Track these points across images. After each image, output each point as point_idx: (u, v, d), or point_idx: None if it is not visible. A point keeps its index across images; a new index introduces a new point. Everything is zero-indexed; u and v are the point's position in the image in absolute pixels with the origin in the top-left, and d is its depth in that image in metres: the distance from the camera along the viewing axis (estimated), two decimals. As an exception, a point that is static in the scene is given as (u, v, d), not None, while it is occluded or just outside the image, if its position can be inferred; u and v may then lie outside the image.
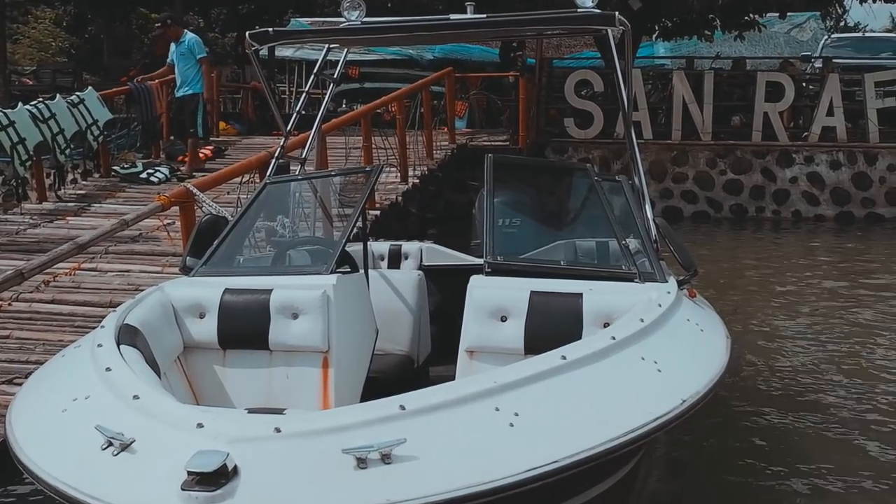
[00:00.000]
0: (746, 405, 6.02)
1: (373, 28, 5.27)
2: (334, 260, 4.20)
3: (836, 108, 15.27)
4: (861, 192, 15.23)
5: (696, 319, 3.87)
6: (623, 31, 4.67)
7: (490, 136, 15.54)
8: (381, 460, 2.34)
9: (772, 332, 7.99)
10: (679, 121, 15.38)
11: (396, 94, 11.52)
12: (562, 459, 2.50)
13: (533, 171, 5.67)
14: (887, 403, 6.17)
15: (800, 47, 22.33)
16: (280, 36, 5.19)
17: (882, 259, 11.98)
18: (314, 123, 6.34)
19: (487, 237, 4.18)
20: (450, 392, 2.68)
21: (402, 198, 10.02)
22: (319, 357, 3.98)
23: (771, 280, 10.54)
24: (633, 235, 4.44)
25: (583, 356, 3.02)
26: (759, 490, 4.84)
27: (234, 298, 4.05)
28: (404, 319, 5.25)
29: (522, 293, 3.84)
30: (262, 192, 4.99)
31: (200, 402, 3.99)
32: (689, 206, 15.33)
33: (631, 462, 3.55)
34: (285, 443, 2.39)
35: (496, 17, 5.26)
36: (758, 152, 15.34)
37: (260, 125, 16.04)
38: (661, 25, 17.53)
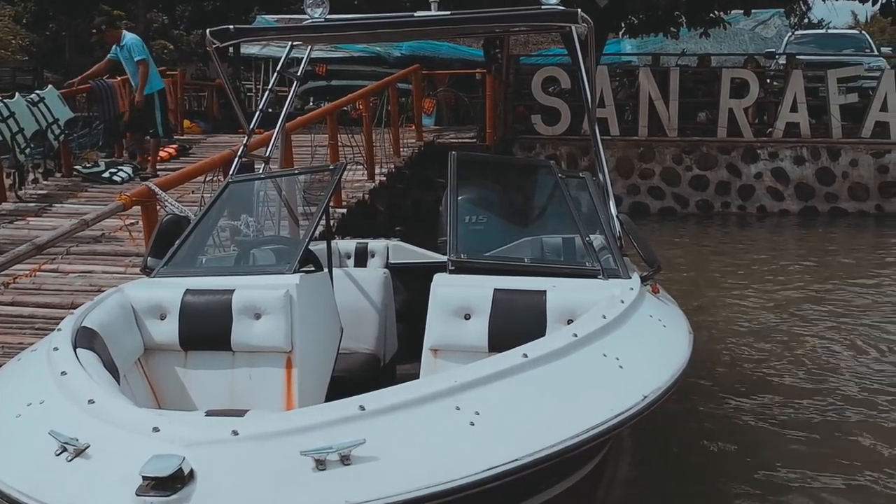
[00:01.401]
0: (712, 399, 6.07)
1: (336, 25, 5.23)
2: (297, 259, 4.17)
3: (800, 105, 15.46)
4: (825, 187, 15.43)
5: (659, 315, 3.88)
6: (587, 28, 4.67)
7: (457, 134, 15.54)
8: (340, 461, 2.32)
9: (737, 327, 8.06)
10: (645, 117, 15.49)
11: (362, 91, 11.48)
12: (522, 458, 2.49)
13: (497, 168, 5.67)
14: (850, 395, 6.25)
15: (764, 44, 22.59)
16: (241, 33, 5.13)
17: (845, 253, 12.14)
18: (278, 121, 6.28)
19: (451, 235, 4.16)
20: (410, 392, 2.66)
21: (369, 196, 9.99)
22: (283, 357, 3.95)
23: (736, 275, 10.64)
24: (597, 232, 4.45)
25: (544, 354, 3.02)
26: (725, 482, 4.88)
27: (196, 299, 4.00)
28: (370, 318, 5.23)
29: (486, 291, 3.83)
30: (224, 191, 4.94)
31: (162, 405, 3.95)
32: (656, 202, 15.44)
33: (596, 458, 3.56)
34: (243, 445, 2.36)
35: (460, 14, 5.25)
36: (723, 148, 15.49)
37: (225, 123, 15.91)
38: (628, 22, 17.60)
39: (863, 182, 15.46)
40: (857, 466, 5.04)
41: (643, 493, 4.79)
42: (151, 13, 26.04)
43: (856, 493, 4.74)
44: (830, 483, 4.82)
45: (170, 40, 27.54)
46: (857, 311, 8.70)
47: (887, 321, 8.32)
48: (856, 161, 15.45)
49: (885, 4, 17.14)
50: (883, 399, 6.17)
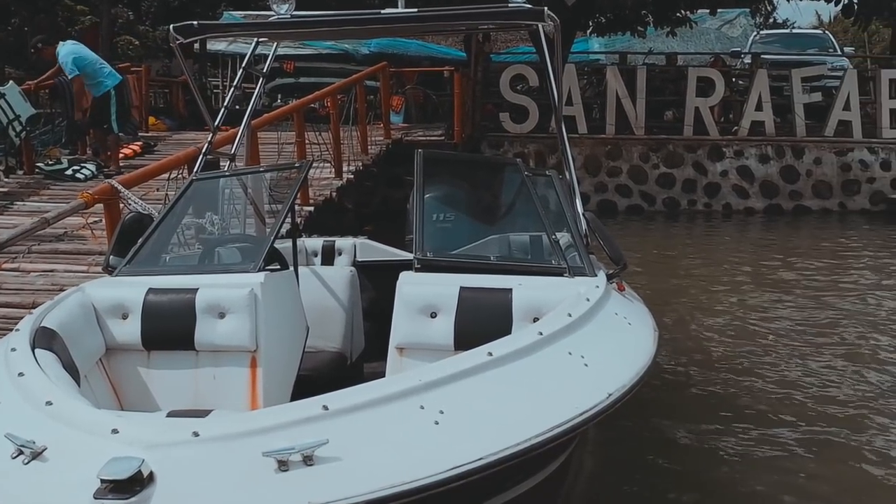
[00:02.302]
0: (678, 396, 6.12)
1: (302, 22, 5.19)
2: (262, 257, 4.13)
3: (765, 103, 15.64)
4: (789, 185, 15.62)
5: (625, 313, 3.89)
6: (554, 26, 4.68)
7: (426, 132, 15.52)
8: (302, 462, 2.30)
9: (703, 324, 8.13)
10: (613, 115, 15.58)
11: (329, 88, 11.42)
12: (487, 456, 2.48)
13: (464, 166, 5.66)
14: (815, 390, 6.32)
15: (730, 43, 22.80)
16: (205, 29, 5.06)
17: (809, 250, 12.29)
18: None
19: (417, 233, 4.15)
20: (374, 391, 2.64)
21: (337, 193, 9.94)
22: (247, 357, 3.92)
23: (702, 272, 10.73)
24: (564, 230, 4.45)
25: (509, 352, 3.01)
26: (691, 479, 4.91)
27: (158, 298, 3.95)
28: (336, 316, 5.20)
29: (452, 289, 3.82)
30: (188, 188, 4.88)
31: (124, 406, 3.90)
32: (624, 200, 15.54)
33: (562, 456, 3.56)
34: (203, 447, 2.33)
35: (427, 11, 5.24)
36: (689, 146, 15.63)
37: (191, 120, 15.75)
38: (596, 21, 17.70)
39: (826, 180, 15.68)
40: (823, 460, 5.11)
41: (609, 490, 4.81)
42: (116, 8, 25.69)
43: (820, 486, 4.79)
44: (795, 478, 4.87)
45: (135, 36, 27.19)
46: (821, 307, 8.82)
47: (851, 316, 8.45)
48: (819, 159, 15.66)
49: (847, 6, 17.42)
50: (848, 393, 6.26)
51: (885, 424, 5.69)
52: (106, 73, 10.19)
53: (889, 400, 6.19)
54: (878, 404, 6.09)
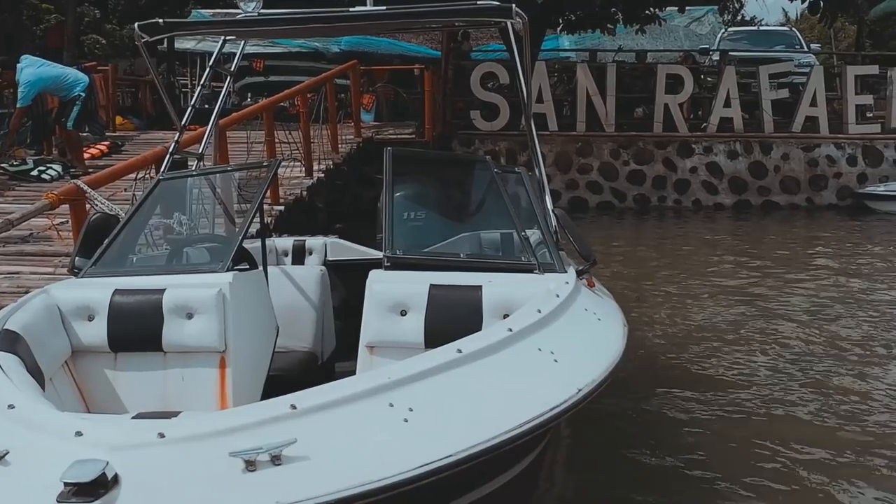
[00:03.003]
0: (649, 391, 6.14)
1: (269, 20, 5.15)
2: (230, 257, 4.10)
3: (733, 100, 15.79)
4: (757, 180, 15.78)
5: (594, 309, 3.90)
6: (522, 23, 4.68)
7: (397, 130, 15.49)
8: (270, 462, 2.28)
9: (673, 319, 8.18)
10: (583, 113, 15.66)
11: (299, 87, 11.36)
12: (456, 454, 2.48)
13: (433, 164, 5.65)
14: (785, 383, 6.38)
15: (699, 40, 22.99)
16: (171, 27, 5.02)
17: (778, 245, 12.42)
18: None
19: (387, 232, 4.14)
20: (342, 389, 2.63)
21: (308, 193, 9.89)
22: (216, 357, 3.88)
23: (673, 267, 10.81)
24: (534, 227, 4.46)
25: (479, 349, 3.01)
26: (662, 474, 4.93)
27: (125, 299, 3.91)
28: (307, 316, 5.17)
29: (422, 287, 3.81)
30: (155, 188, 4.83)
31: (91, 409, 3.85)
32: (595, 197, 15.61)
33: (533, 452, 3.56)
34: (169, 448, 2.30)
35: (395, 9, 5.21)
36: (659, 143, 15.74)
37: (160, 120, 15.62)
38: (565, 19, 17.76)
39: (794, 175, 15.86)
40: (795, 446, 5.15)
41: (582, 486, 4.82)
42: (82, 7, 25.40)
43: (789, 481, 4.83)
44: (766, 474, 4.89)
45: (102, 35, 26.89)
46: (789, 302, 8.92)
47: (818, 309, 8.55)
48: (787, 155, 15.83)
49: (814, 3, 17.60)
50: (817, 386, 6.33)
51: (847, 409, 5.77)
52: (69, 82, 10.09)
53: (848, 383, 6.30)
54: (840, 388, 6.22)
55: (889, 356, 7.04)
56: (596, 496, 4.69)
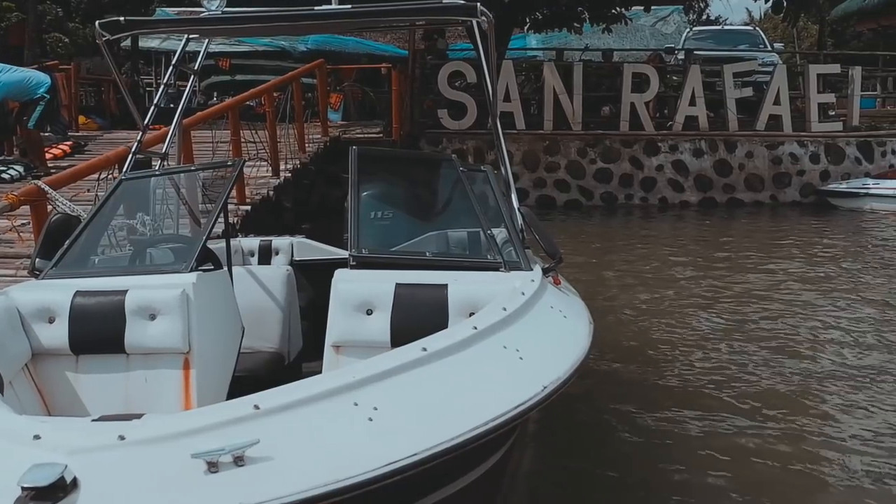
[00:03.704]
0: (616, 388, 6.18)
1: (233, 18, 5.11)
2: (194, 258, 4.06)
3: (698, 98, 15.94)
4: (722, 178, 15.95)
5: (560, 306, 3.91)
6: (488, 22, 4.68)
7: (364, 129, 15.45)
8: (233, 463, 2.26)
9: (640, 316, 8.24)
10: (550, 111, 15.71)
11: (265, 86, 11.28)
12: (421, 452, 2.47)
13: (399, 163, 5.63)
14: (750, 378, 6.45)
15: (665, 40, 23.19)
16: (133, 26, 4.94)
17: (743, 242, 12.56)
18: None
19: (352, 231, 4.12)
20: (306, 389, 2.61)
21: (275, 192, 9.84)
22: (180, 358, 3.84)
23: (640, 265, 10.89)
24: (500, 225, 4.46)
25: (444, 347, 3.00)
26: (628, 472, 4.97)
27: (86, 301, 3.86)
28: (273, 316, 5.14)
29: (387, 286, 3.80)
30: (117, 188, 4.78)
31: (52, 412, 3.79)
32: (562, 195, 15.68)
33: (499, 451, 3.56)
34: (130, 451, 2.27)
35: (360, 7, 5.18)
36: (626, 141, 15.84)
37: (123, 119, 15.47)
38: (532, 18, 17.82)
39: (758, 173, 16.04)
40: (757, 451, 5.20)
41: (548, 485, 4.84)
42: (44, 4, 25.04)
43: (755, 477, 4.88)
44: (732, 471, 4.94)
45: (64, 33, 26.52)
46: (755, 296, 9.02)
47: (783, 304, 8.66)
48: (751, 153, 16.01)
49: (777, 2, 17.82)
50: (782, 379, 6.41)
51: (808, 402, 5.86)
52: (33, 84, 9.95)
53: (809, 379, 6.40)
54: (800, 382, 6.33)
55: (851, 349, 7.13)
56: (563, 494, 4.71)
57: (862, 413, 5.75)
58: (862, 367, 6.69)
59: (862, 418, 5.65)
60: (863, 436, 5.35)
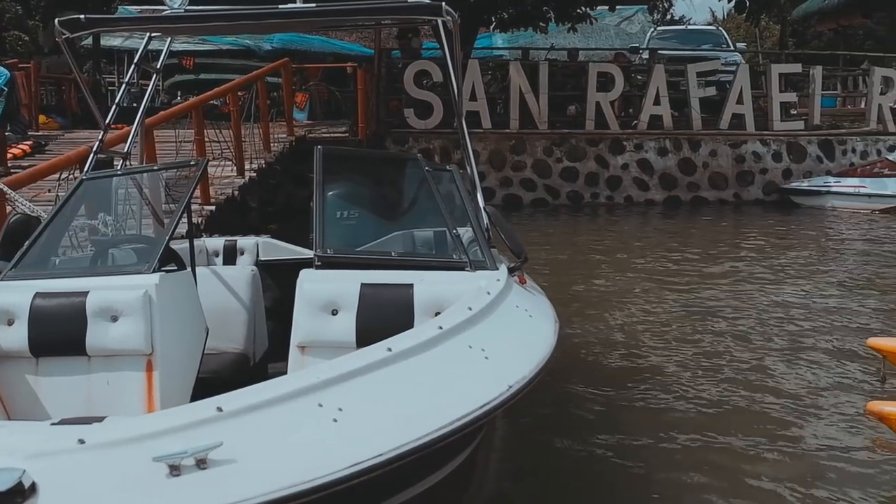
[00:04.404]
0: (582, 387, 6.21)
1: (195, 16, 5.07)
2: (156, 258, 4.02)
3: (663, 98, 16.08)
4: (687, 176, 16.10)
5: (526, 305, 3.93)
6: (453, 21, 4.68)
7: (330, 128, 15.40)
8: (195, 466, 2.23)
9: (606, 313, 8.29)
10: (516, 110, 15.76)
11: (229, 85, 11.20)
12: (386, 452, 2.46)
13: (364, 162, 5.62)
14: (714, 373, 6.51)
15: (629, 39, 23.38)
16: (93, 23, 4.88)
17: (707, 239, 12.69)
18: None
19: (317, 231, 4.11)
20: (270, 390, 2.59)
21: (240, 192, 9.78)
22: (142, 360, 3.81)
23: (605, 263, 10.96)
24: (465, 224, 4.47)
25: (409, 347, 3.00)
26: (597, 470, 4.98)
27: (46, 302, 3.81)
28: (238, 316, 5.11)
29: (353, 286, 3.79)
30: (78, 188, 4.72)
31: (12, 416, 3.74)
32: (529, 194, 15.74)
33: (466, 450, 3.56)
34: (90, 454, 2.24)
35: (324, 6, 5.16)
36: (591, 140, 15.94)
37: (85, 118, 15.25)
38: (498, 17, 17.87)
39: (722, 172, 16.23)
40: (727, 447, 5.24)
41: (516, 484, 4.84)
42: (3, 3, 24.64)
43: (725, 473, 4.92)
44: (696, 465, 4.98)
45: (24, 31, 26.13)
46: (719, 293, 9.12)
47: (746, 299, 8.77)
48: (715, 152, 16.19)
49: (739, 2, 18.05)
50: (747, 374, 6.48)
51: (770, 398, 5.93)
52: None
53: (770, 372, 6.48)
54: (761, 376, 6.39)
55: (809, 345, 7.24)
56: (530, 494, 4.72)
57: (806, 394, 5.86)
58: (811, 354, 6.82)
59: (802, 399, 5.76)
60: (806, 416, 5.45)
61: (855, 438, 5.26)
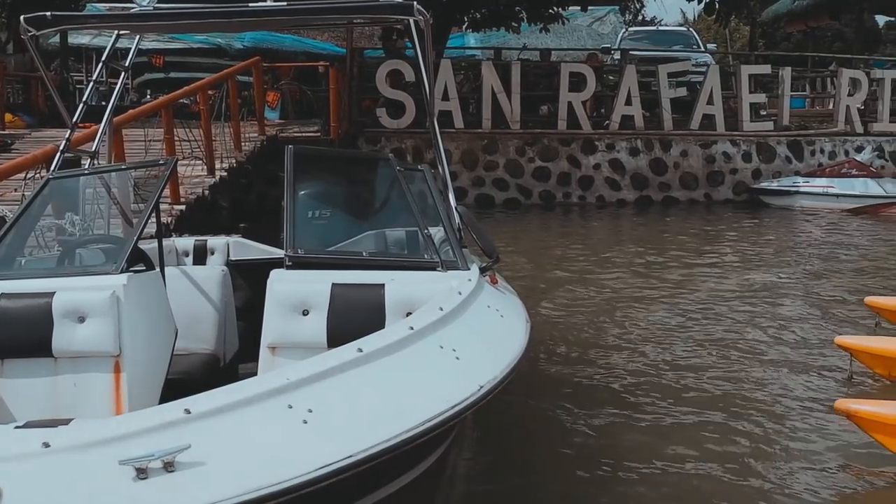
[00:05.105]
0: (555, 386, 6.22)
1: (164, 14, 5.02)
2: (124, 258, 3.98)
3: (634, 98, 16.16)
4: (658, 176, 16.21)
5: (497, 305, 3.93)
6: (424, 21, 4.68)
7: (302, 128, 15.32)
8: (163, 469, 2.21)
9: (579, 313, 8.32)
10: (489, 110, 15.78)
11: (199, 83, 11.10)
12: (357, 454, 2.46)
13: (335, 162, 5.60)
14: (686, 370, 6.55)
15: (601, 40, 23.51)
16: (60, 21, 4.82)
17: (678, 239, 12.78)
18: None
19: (288, 230, 4.09)
20: (239, 392, 2.58)
21: (210, 192, 9.68)
22: (110, 362, 3.77)
23: (578, 263, 10.99)
24: (437, 224, 4.47)
25: (379, 347, 3.00)
26: (570, 470, 4.98)
27: (12, 304, 3.75)
28: (208, 317, 5.07)
29: (323, 286, 3.78)
30: (44, 187, 4.66)
31: (-24, 420, 3.68)
32: (501, 194, 15.76)
33: (437, 451, 3.56)
34: (55, 458, 2.21)
35: (295, 4, 5.13)
36: (563, 140, 15.99)
37: (53, 117, 15.04)
38: (471, 17, 17.89)
39: (692, 172, 16.35)
40: (700, 441, 5.27)
41: (487, 485, 4.83)
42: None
43: (695, 467, 4.94)
44: (677, 464, 5.01)
45: (-10, 28, 25.76)
46: (689, 291, 9.20)
47: (715, 297, 8.85)
48: (686, 152, 16.31)
49: (709, 4, 18.21)
50: (716, 371, 6.53)
51: (738, 396, 5.98)
52: None
53: (741, 371, 6.54)
54: (732, 375, 6.45)
55: (778, 343, 7.31)
56: (502, 494, 4.72)
57: (777, 394, 5.92)
58: (780, 352, 6.89)
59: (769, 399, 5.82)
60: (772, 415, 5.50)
61: (823, 436, 5.32)
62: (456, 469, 4.61)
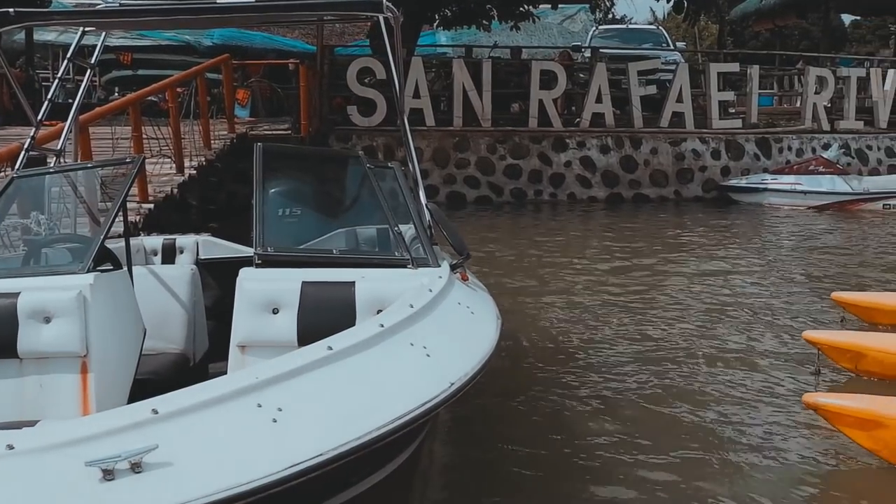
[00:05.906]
0: (526, 383, 6.23)
1: (130, 10, 4.98)
2: (91, 258, 3.94)
3: (605, 96, 16.24)
4: (628, 174, 16.30)
5: (468, 302, 3.94)
6: (394, 18, 4.67)
7: (272, 126, 15.23)
8: (130, 470, 2.19)
9: (550, 309, 8.35)
10: (460, 108, 15.77)
11: (167, 81, 11.00)
12: (327, 452, 2.45)
13: (305, 160, 5.59)
14: (659, 365, 6.59)
15: (571, 38, 23.59)
16: (24, 17, 4.76)
17: (648, 236, 12.85)
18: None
19: (257, 229, 4.07)
20: (208, 391, 2.56)
21: (179, 190, 9.59)
22: (77, 362, 3.73)
23: (549, 259, 11.03)
24: (407, 222, 4.47)
25: (350, 345, 2.99)
26: (544, 466, 4.98)
27: None
28: (177, 317, 5.03)
29: (293, 284, 3.77)
30: (8, 186, 4.59)
31: (-60, 422, 3.62)
32: (472, 192, 15.77)
33: (409, 448, 3.56)
34: (19, 460, 2.18)
35: (263, 1, 5.11)
36: (535, 138, 16.03)
37: (18, 115, 14.81)
38: (442, 14, 17.88)
39: (662, 169, 16.46)
40: (673, 439, 5.30)
41: (459, 483, 4.82)
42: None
43: (675, 467, 4.97)
44: (649, 459, 5.03)
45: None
46: (658, 288, 9.26)
47: (685, 293, 8.93)
48: (656, 149, 16.42)
49: (678, 2, 18.33)
50: (685, 366, 6.57)
51: (707, 391, 6.03)
52: None
53: (709, 366, 6.60)
54: (700, 370, 6.52)
55: (746, 338, 7.38)
56: (474, 493, 4.73)
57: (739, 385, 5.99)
58: (748, 346, 6.96)
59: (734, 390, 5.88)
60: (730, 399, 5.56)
61: (791, 429, 5.38)
62: (429, 465, 4.61)
